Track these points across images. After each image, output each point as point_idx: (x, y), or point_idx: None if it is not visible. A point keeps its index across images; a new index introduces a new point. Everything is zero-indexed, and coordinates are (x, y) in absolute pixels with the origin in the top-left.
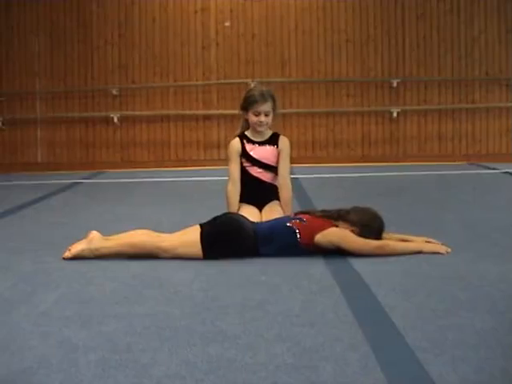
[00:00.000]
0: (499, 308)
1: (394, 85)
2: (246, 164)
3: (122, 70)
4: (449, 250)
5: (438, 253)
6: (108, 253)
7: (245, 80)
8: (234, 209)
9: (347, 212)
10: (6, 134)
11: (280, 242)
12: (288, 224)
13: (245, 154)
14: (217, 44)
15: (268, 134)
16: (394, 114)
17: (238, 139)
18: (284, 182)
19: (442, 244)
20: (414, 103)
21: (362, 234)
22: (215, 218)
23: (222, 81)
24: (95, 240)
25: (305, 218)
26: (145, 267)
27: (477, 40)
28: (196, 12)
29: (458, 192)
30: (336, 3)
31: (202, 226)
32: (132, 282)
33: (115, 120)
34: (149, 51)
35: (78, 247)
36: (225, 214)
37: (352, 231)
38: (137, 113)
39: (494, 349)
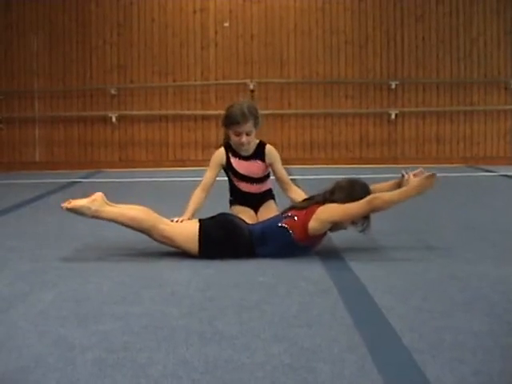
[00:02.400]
0: (497, 310)
1: (393, 86)
2: (233, 178)
3: (120, 70)
4: (435, 174)
5: (430, 186)
6: (105, 217)
7: (243, 80)
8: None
9: (331, 192)
10: (4, 133)
11: (275, 243)
12: (279, 224)
13: (230, 168)
14: (216, 44)
15: (253, 146)
16: (393, 116)
17: (223, 151)
18: (290, 188)
19: (427, 175)
20: (413, 105)
21: None
22: (212, 218)
23: (221, 81)
24: (97, 201)
25: (293, 213)
26: (142, 267)
27: (475, 42)
28: (195, 12)
29: (456, 194)
30: (335, 4)
31: (200, 222)
32: (129, 282)
33: (113, 119)
34: (147, 51)
35: (78, 202)
36: (221, 215)
37: None
38: (135, 112)
39: (491, 351)
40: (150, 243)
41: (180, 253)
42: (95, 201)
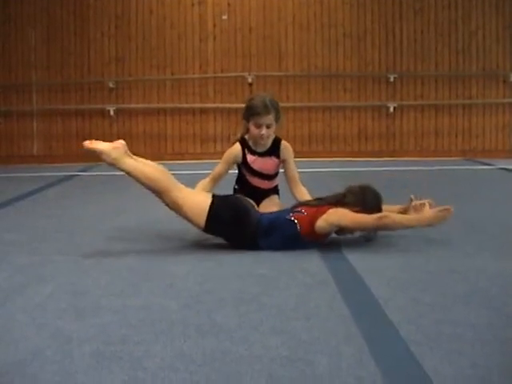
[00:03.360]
0: (496, 303)
1: (391, 80)
2: (245, 172)
3: (118, 63)
4: (451, 209)
5: (443, 219)
6: (122, 168)
7: (242, 73)
8: None
9: (343, 195)
10: (2, 127)
11: (280, 235)
12: (287, 217)
13: (245, 165)
14: (214, 37)
15: (269, 142)
16: (391, 109)
17: (239, 147)
18: (296, 186)
19: (442, 208)
20: (411, 98)
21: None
22: (226, 197)
23: (219, 74)
24: (119, 150)
25: (303, 209)
26: (140, 260)
27: (474, 35)
28: (193, 5)
29: (454, 187)
30: None
31: (213, 198)
32: (127, 275)
33: (111, 113)
34: (145, 44)
35: (100, 145)
36: (235, 196)
37: (353, 211)
38: (133, 106)
39: (490, 343)
40: (148, 236)
41: (178, 245)
42: (117, 148)
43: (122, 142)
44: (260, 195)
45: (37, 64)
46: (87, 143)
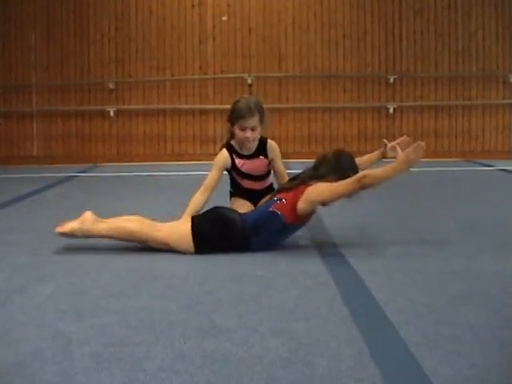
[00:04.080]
0: (495, 304)
1: (391, 80)
2: (236, 176)
3: (118, 64)
4: (422, 143)
5: (417, 158)
6: (99, 235)
7: (241, 74)
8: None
9: (315, 168)
10: (2, 127)
11: (268, 230)
12: (270, 209)
13: (235, 169)
14: (214, 38)
15: (255, 144)
16: (391, 110)
17: (226, 153)
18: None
19: (414, 146)
20: (411, 99)
21: (340, 179)
22: (204, 213)
23: (219, 75)
24: (88, 221)
25: (281, 196)
26: (140, 261)
27: (474, 36)
28: (193, 6)
29: (454, 188)
30: None
31: (192, 219)
32: (127, 276)
33: (111, 114)
34: (145, 45)
35: (70, 225)
36: (213, 209)
37: (329, 181)
38: (133, 107)
39: (488, 344)
40: None
41: None
42: (86, 220)
43: (88, 212)
44: (255, 196)
45: (37, 64)
46: (59, 229)
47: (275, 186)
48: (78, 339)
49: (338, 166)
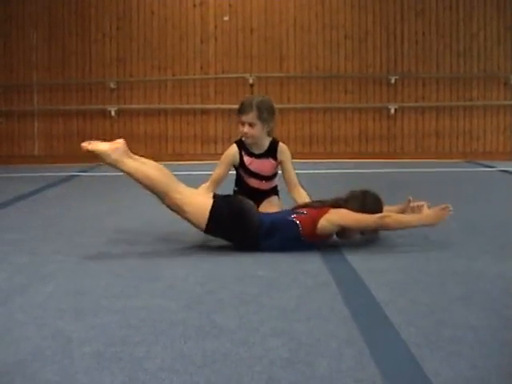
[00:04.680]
0: (495, 304)
1: (392, 81)
2: (242, 174)
3: (119, 64)
4: (450, 207)
5: (443, 218)
6: (123, 169)
7: (243, 74)
8: None
9: (345, 201)
10: (3, 127)
11: (282, 236)
12: (289, 218)
13: (242, 166)
14: (215, 38)
15: (266, 144)
16: (392, 111)
17: (236, 149)
18: (295, 189)
19: (441, 207)
20: (412, 100)
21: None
22: (227, 196)
23: (220, 75)
24: (119, 151)
25: (304, 210)
26: (141, 260)
27: (475, 37)
28: (195, 6)
29: (455, 189)
30: None
31: (214, 199)
32: (128, 275)
33: (112, 113)
34: (147, 45)
35: (100, 146)
36: (237, 197)
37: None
38: (134, 106)
39: (489, 345)
40: (148, 237)
41: (179, 247)
42: (117, 149)
43: (121, 141)
44: (259, 196)
45: (38, 64)
46: (85, 144)
47: (279, 187)
48: (78, 338)
49: (364, 203)
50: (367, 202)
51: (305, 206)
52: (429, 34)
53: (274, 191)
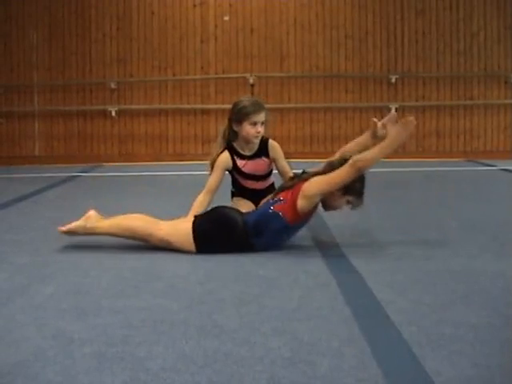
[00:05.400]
0: (496, 303)
1: (393, 81)
2: (237, 177)
3: (120, 64)
4: (411, 118)
5: (408, 130)
6: (101, 232)
7: (243, 74)
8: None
9: (323, 171)
10: (4, 127)
11: (271, 230)
12: (270, 210)
13: (236, 169)
14: (215, 38)
15: (256, 144)
16: (393, 110)
17: (228, 155)
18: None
19: (403, 121)
20: (413, 99)
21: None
22: (205, 213)
23: (221, 75)
24: (91, 218)
25: (282, 196)
26: (142, 260)
27: (475, 36)
28: (195, 6)
29: (455, 188)
30: None
31: (194, 219)
32: (129, 275)
33: (113, 113)
34: (147, 45)
35: (72, 224)
36: (214, 209)
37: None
38: (134, 106)
39: (490, 344)
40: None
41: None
42: (89, 218)
43: (92, 210)
44: (257, 195)
45: (38, 64)
46: (62, 228)
47: (276, 184)
48: (79, 339)
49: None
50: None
51: (282, 189)
52: (429, 34)
53: (271, 189)
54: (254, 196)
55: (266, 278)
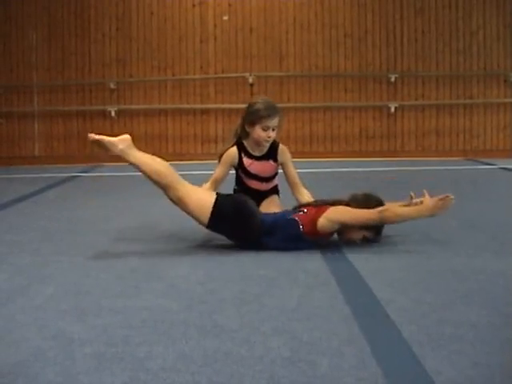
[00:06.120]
0: (496, 302)
1: (392, 80)
2: (242, 175)
3: (119, 64)
4: (451, 196)
5: (443, 208)
6: (130, 159)
7: (242, 74)
8: None
9: (347, 203)
10: (4, 128)
11: (283, 234)
12: (289, 217)
13: (242, 168)
14: (215, 38)
15: (266, 147)
16: (392, 109)
17: (235, 151)
18: (297, 188)
19: (442, 197)
20: (412, 98)
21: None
22: (230, 195)
23: (220, 75)
24: (126, 142)
25: (304, 209)
26: (142, 260)
27: (475, 35)
28: (194, 6)
29: (455, 187)
30: None
31: (217, 195)
32: (128, 275)
33: (112, 114)
34: (146, 45)
35: (106, 137)
36: (241, 196)
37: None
38: (134, 107)
39: (490, 343)
40: (149, 236)
41: (180, 246)
42: (124, 141)
43: (127, 135)
44: (259, 196)
45: (38, 65)
46: (93, 135)
47: (280, 186)
48: (79, 339)
49: (366, 205)
50: (369, 204)
51: (306, 205)
52: (428, 33)
53: (274, 191)
54: (256, 196)
55: (265, 277)
